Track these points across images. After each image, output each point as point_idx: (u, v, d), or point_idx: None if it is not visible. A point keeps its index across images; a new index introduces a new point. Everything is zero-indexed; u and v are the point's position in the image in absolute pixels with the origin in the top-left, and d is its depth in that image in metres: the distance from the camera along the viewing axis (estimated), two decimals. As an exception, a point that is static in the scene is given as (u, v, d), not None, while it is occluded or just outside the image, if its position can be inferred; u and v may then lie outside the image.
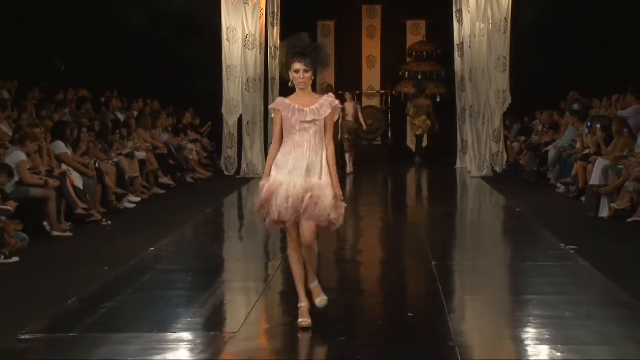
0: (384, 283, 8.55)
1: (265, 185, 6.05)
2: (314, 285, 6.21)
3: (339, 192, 6.10)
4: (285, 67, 6.15)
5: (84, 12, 17.99)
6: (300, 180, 5.97)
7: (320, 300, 6.17)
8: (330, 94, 6.35)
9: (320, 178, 6.02)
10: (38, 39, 17.09)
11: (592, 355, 5.50)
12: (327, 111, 6.09)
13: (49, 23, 17.17)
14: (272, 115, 6.27)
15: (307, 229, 6.00)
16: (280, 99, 6.20)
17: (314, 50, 6.09)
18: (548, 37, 17.98)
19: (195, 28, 18.49)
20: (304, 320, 6.06)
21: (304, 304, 6.15)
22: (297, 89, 6.16)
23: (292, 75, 6.11)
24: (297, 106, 6.07)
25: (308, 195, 5.94)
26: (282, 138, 6.15)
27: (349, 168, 17.33)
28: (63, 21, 17.49)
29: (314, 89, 7.64)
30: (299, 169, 6.00)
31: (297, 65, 6.06)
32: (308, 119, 6.04)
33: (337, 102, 6.20)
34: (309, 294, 6.21)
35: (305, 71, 6.06)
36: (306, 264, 6.16)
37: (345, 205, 6.16)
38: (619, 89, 15.64)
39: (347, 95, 17.73)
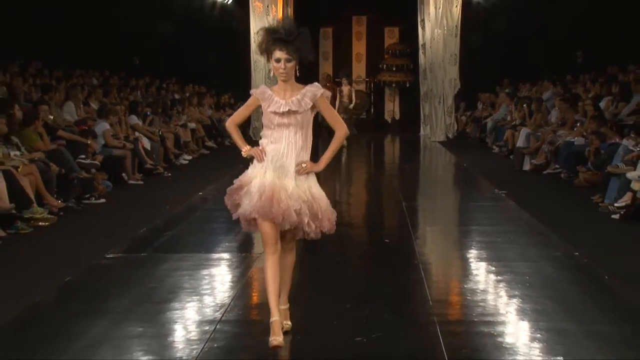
0: (368, 218, 8.58)
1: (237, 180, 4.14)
2: (284, 307, 4.12)
3: (312, 167, 3.99)
4: (266, 54, 3.97)
5: (154, 25, 17.71)
6: (270, 177, 3.94)
7: (284, 324, 4.07)
8: (316, 83, 4.03)
9: (296, 180, 3.95)
10: (120, 42, 16.94)
11: (517, 270, 5.51)
12: (309, 103, 3.92)
13: (126, 29, 16.98)
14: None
15: (293, 236, 4.10)
16: (262, 88, 4.07)
17: (298, 36, 3.89)
18: (488, 40, 17.71)
19: (228, 34, 18.27)
20: (275, 338, 3.84)
21: (275, 318, 3.88)
22: (278, 81, 4.00)
23: (272, 64, 3.95)
24: (275, 98, 3.95)
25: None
26: (243, 115, 4.22)
27: (344, 143, 16.45)
28: (135, 28, 17.26)
29: (315, 79, 7.04)
30: (272, 166, 3.96)
31: (278, 54, 3.89)
32: (282, 110, 3.90)
33: (321, 91, 3.96)
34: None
35: (288, 60, 3.89)
36: (281, 277, 4.00)
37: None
38: (539, 77, 15.58)
39: (344, 80, 17.34)
